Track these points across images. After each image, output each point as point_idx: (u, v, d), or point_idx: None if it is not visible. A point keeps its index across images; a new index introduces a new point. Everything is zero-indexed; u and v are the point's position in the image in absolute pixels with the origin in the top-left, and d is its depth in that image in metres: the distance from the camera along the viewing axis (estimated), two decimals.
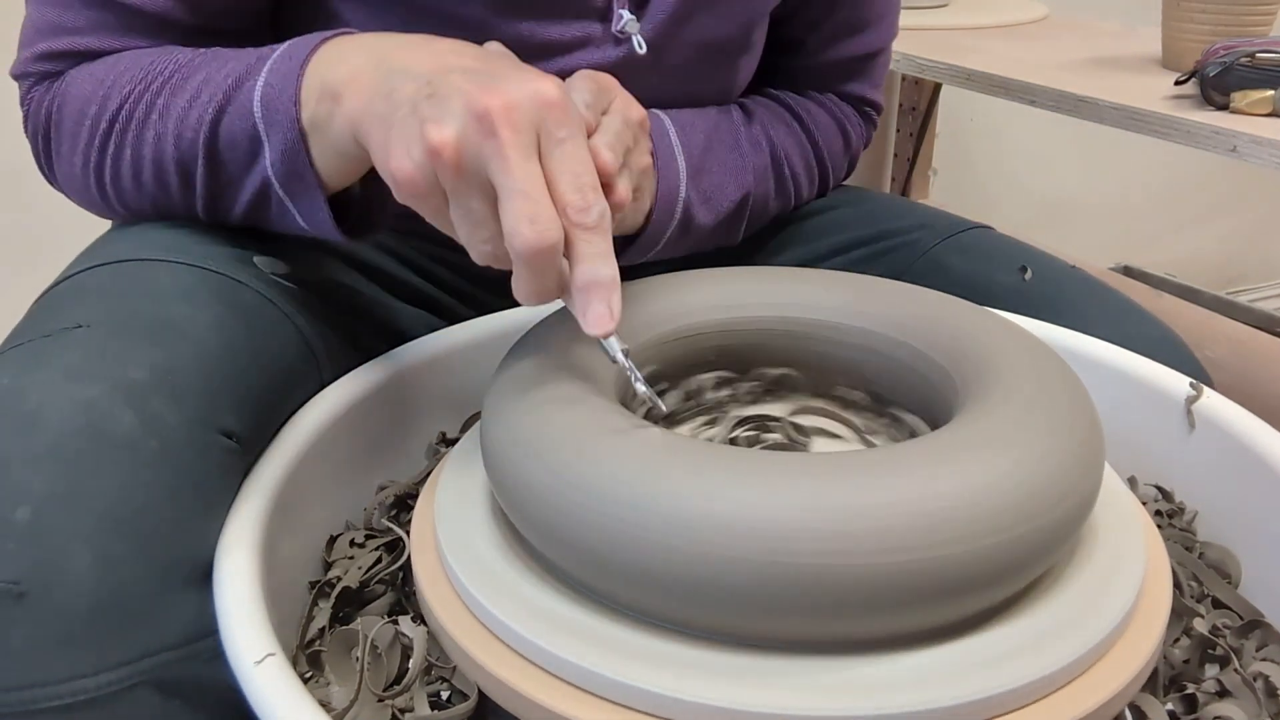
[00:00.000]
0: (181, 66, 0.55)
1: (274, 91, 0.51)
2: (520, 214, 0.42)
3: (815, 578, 0.37)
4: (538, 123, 0.43)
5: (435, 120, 0.43)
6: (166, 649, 0.42)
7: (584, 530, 0.40)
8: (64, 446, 0.42)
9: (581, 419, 0.43)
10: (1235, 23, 0.99)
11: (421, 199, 0.45)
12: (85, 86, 0.57)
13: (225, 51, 0.55)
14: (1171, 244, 1.99)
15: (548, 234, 0.42)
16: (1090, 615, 0.41)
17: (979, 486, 0.39)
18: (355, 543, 0.54)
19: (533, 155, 0.43)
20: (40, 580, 0.39)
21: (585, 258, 0.43)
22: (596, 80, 0.53)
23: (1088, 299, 0.66)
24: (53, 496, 0.41)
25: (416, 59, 0.47)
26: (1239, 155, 0.82)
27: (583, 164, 0.44)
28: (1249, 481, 0.52)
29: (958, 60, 1.08)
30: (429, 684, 0.45)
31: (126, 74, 0.56)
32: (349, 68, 0.49)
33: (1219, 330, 1.16)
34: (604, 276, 0.43)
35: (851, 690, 0.38)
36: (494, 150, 0.42)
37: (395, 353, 0.60)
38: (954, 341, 0.51)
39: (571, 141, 0.44)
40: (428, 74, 0.45)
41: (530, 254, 0.42)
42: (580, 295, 0.43)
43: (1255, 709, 0.43)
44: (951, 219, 0.75)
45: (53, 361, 0.45)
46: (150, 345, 0.47)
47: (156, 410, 0.45)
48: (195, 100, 0.53)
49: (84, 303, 0.51)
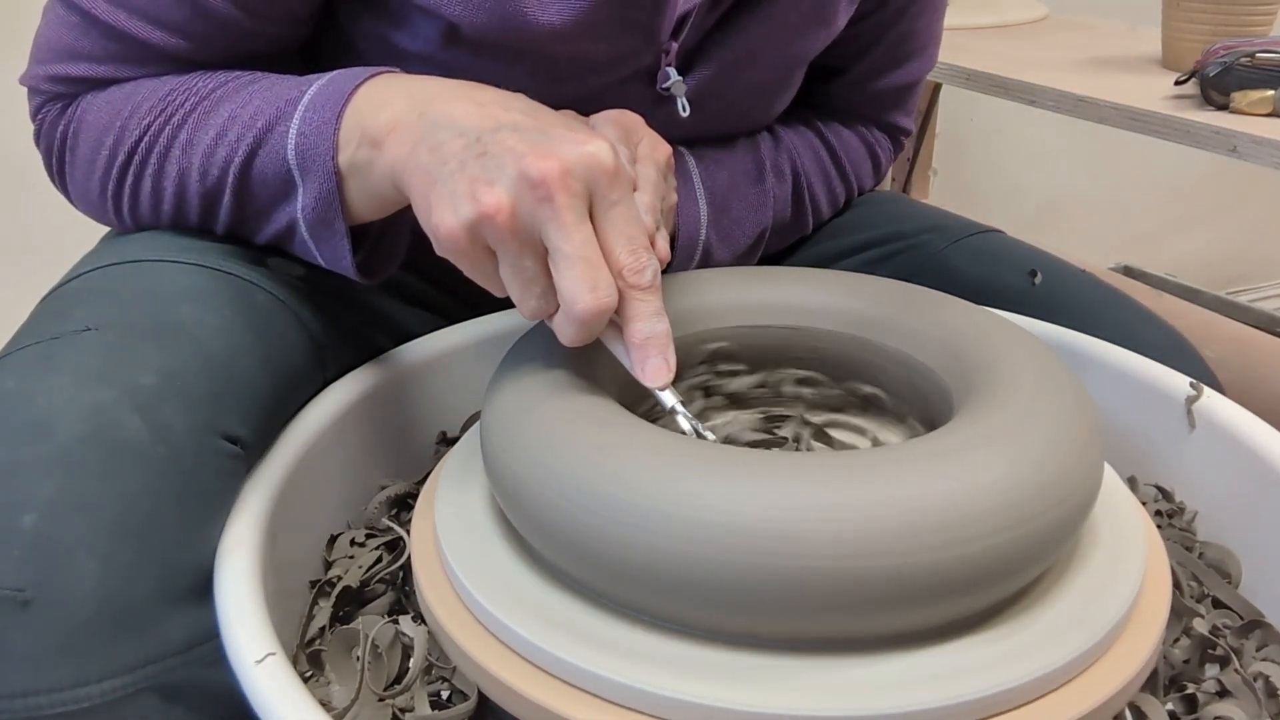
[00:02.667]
0: (204, 99, 0.54)
1: (309, 141, 0.51)
2: (580, 281, 0.43)
3: (812, 577, 0.37)
4: (591, 185, 0.44)
5: (487, 182, 0.43)
6: (170, 655, 0.42)
7: (583, 530, 0.40)
8: (72, 453, 0.42)
9: (581, 419, 0.43)
10: (1235, 23, 0.99)
11: (463, 255, 0.45)
12: (102, 116, 0.56)
13: (252, 83, 0.54)
14: (1171, 244, 1.99)
15: (606, 300, 0.43)
16: (1090, 615, 0.41)
17: (979, 486, 0.39)
18: (356, 542, 0.54)
19: (585, 218, 0.44)
20: (46, 587, 0.39)
21: (641, 316, 0.45)
22: (622, 122, 0.53)
23: (1098, 303, 0.66)
24: (59, 503, 0.41)
25: (462, 111, 0.46)
26: (1239, 155, 0.82)
27: (635, 225, 0.45)
28: (1249, 481, 0.52)
29: (958, 60, 1.08)
30: (429, 684, 0.45)
31: (145, 104, 0.55)
32: (390, 114, 0.48)
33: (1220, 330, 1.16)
34: (659, 332, 0.45)
35: (851, 690, 0.38)
36: (549, 215, 0.42)
37: (396, 352, 0.60)
38: (954, 342, 0.51)
39: (624, 204, 0.45)
40: (476, 130, 0.45)
41: (590, 318, 0.43)
42: (638, 351, 0.45)
43: (1255, 709, 0.43)
44: (962, 222, 0.75)
45: (62, 365, 0.45)
46: (158, 349, 0.47)
47: (165, 417, 0.44)
48: (222, 138, 0.53)
49: (93, 304, 0.50)
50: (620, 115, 0.53)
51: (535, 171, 0.42)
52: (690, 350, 0.55)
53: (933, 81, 1.34)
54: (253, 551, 0.45)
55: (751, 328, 0.56)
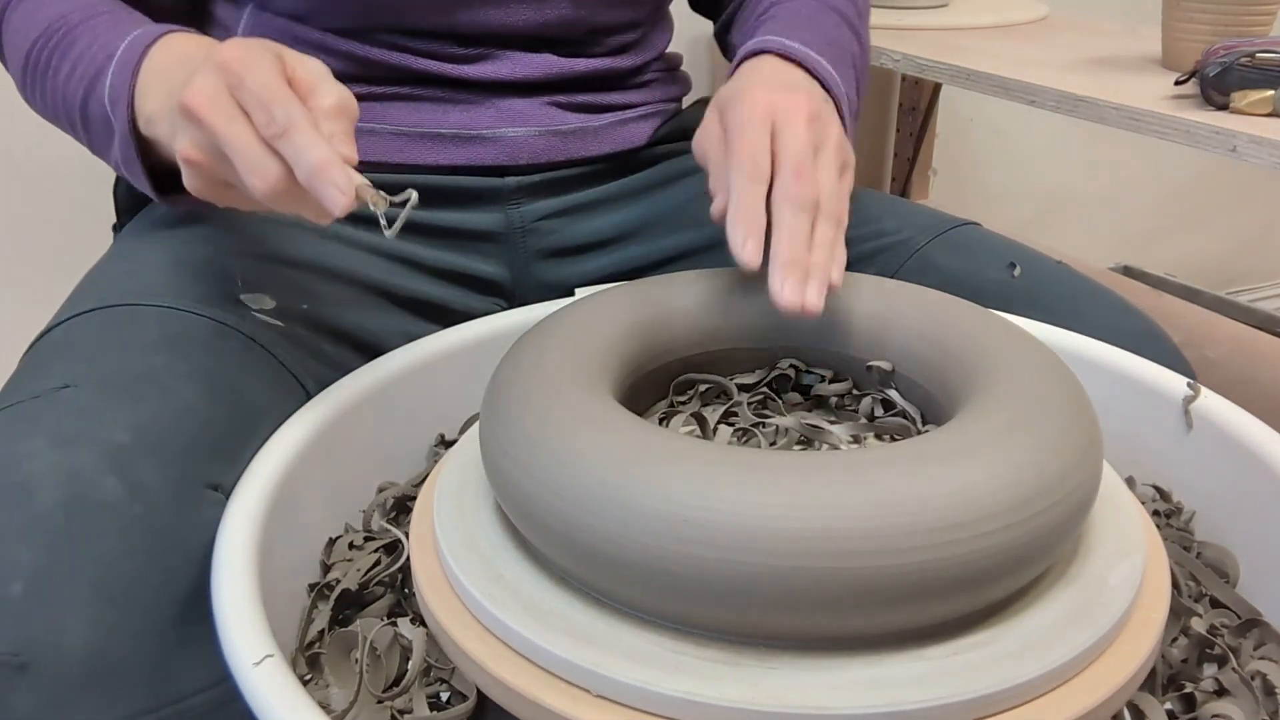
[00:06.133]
0: (74, 27, 0.60)
1: (115, 95, 0.56)
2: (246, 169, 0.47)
3: (812, 576, 0.37)
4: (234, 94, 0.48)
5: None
6: (165, 705, 0.43)
7: (584, 529, 0.40)
8: (52, 518, 0.43)
9: (580, 419, 0.43)
10: (1235, 23, 0.98)
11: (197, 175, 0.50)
12: (20, 18, 0.63)
13: (100, 22, 0.60)
14: (1171, 244, 1.99)
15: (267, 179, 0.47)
16: (1088, 614, 0.41)
17: (978, 485, 0.39)
18: (354, 545, 0.54)
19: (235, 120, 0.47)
20: (39, 651, 0.41)
21: (301, 150, 0.47)
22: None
23: (1075, 294, 0.67)
24: (44, 569, 0.42)
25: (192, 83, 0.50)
26: (1239, 155, 0.82)
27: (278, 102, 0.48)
28: (1247, 481, 0.52)
29: (958, 60, 1.08)
30: (428, 685, 0.45)
31: (47, 16, 0.61)
32: (156, 104, 0.53)
33: (1219, 330, 1.16)
34: (321, 160, 0.46)
35: (851, 688, 0.38)
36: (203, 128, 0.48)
37: (394, 354, 0.60)
38: (954, 342, 0.51)
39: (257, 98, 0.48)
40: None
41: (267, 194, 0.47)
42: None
43: (1253, 708, 0.43)
44: (940, 216, 0.75)
45: (40, 427, 0.47)
46: (133, 403, 0.49)
47: (140, 475, 0.46)
48: (72, 74, 0.59)
49: (71, 357, 0.52)
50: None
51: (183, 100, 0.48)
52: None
53: (933, 81, 1.34)
54: (250, 554, 0.45)
55: (739, 330, 0.56)
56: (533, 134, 0.71)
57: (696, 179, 0.77)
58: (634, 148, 0.76)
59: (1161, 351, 0.62)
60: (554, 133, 0.71)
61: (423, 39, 0.68)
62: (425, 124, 0.69)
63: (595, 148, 0.74)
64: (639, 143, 0.76)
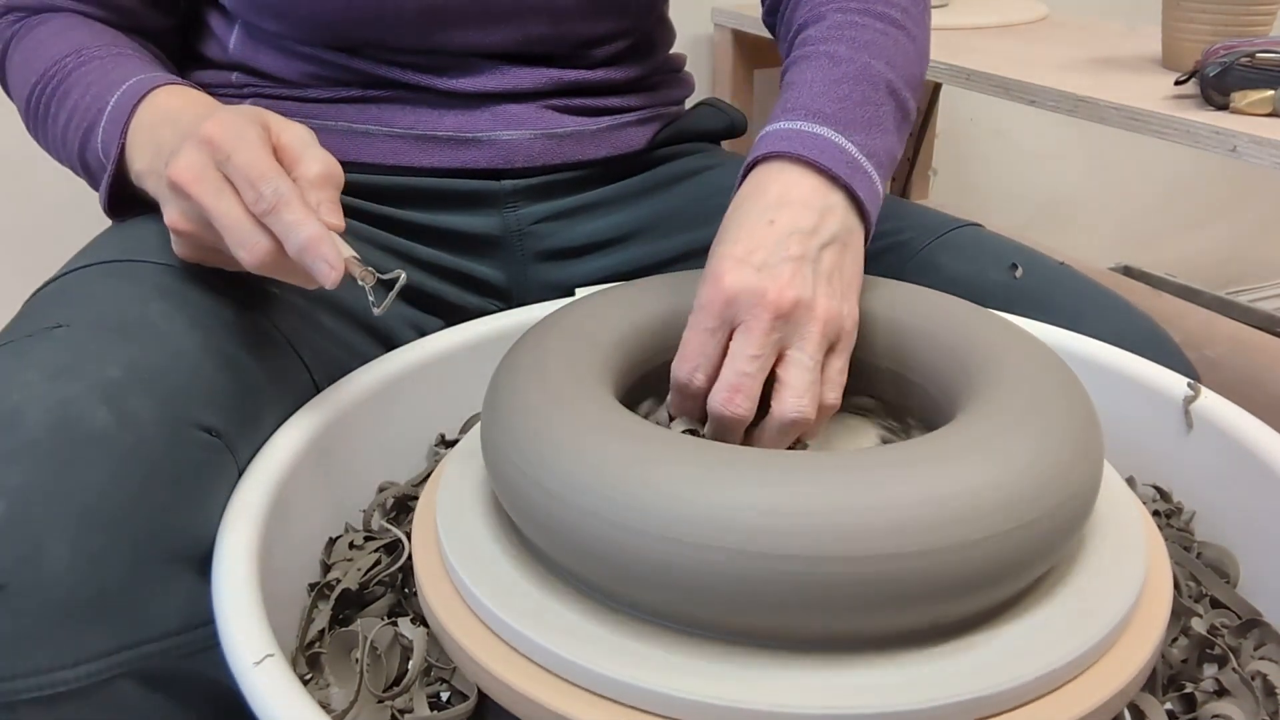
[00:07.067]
0: (69, 74, 0.62)
1: (108, 147, 0.58)
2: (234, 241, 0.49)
3: (813, 576, 0.37)
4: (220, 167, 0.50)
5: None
6: (146, 641, 0.42)
7: (585, 529, 0.40)
8: (40, 442, 0.43)
9: (581, 419, 0.43)
10: (1235, 23, 0.98)
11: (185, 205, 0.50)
12: (21, 56, 0.65)
13: (92, 69, 0.62)
14: (1171, 244, 1.99)
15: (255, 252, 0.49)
16: (1090, 615, 0.41)
17: (980, 486, 0.39)
18: (354, 545, 0.54)
19: (221, 193, 0.49)
20: (19, 573, 0.40)
21: (290, 229, 0.48)
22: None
23: (1077, 295, 0.67)
24: (29, 491, 0.41)
25: (180, 152, 0.51)
26: (1239, 155, 0.82)
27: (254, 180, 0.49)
28: (1247, 481, 0.52)
29: (958, 60, 1.08)
30: (428, 685, 0.45)
31: (44, 58, 0.63)
32: (144, 163, 0.56)
33: (1219, 330, 1.16)
34: (311, 236, 0.47)
35: (852, 688, 0.38)
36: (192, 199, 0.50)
37: (394, 354, 0.60)
38: (955, 342, 0.51)
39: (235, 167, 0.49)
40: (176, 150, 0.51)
41: (255, 264, 0.48)
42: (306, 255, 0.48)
43: (1253, 708, 0.43)
44: (942, 218, 0.75)
45: (32, 361, 0.46)
46: (127, 343, 0.48)
47: (131, 407, 0.45)
48: (69, 123, 0.61)
49: (67, 303, 0.52)
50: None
51: (171, 174, 0.49)
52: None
53: (933, 81, 1.34)
54: (250, 553, 0.45)
55: None
56: (528, 137, 0.70)
57: (695, 181, 0.77)
58: (632, 152, 0.76)
59: (1165, 354, 0.62)
60: (550, 136, 0.71)
61: (408, 54, 0.68)
62: (420, 126, 0.69)
63: (593, 151, 0.73)
64: (638, 147, 0.76)
